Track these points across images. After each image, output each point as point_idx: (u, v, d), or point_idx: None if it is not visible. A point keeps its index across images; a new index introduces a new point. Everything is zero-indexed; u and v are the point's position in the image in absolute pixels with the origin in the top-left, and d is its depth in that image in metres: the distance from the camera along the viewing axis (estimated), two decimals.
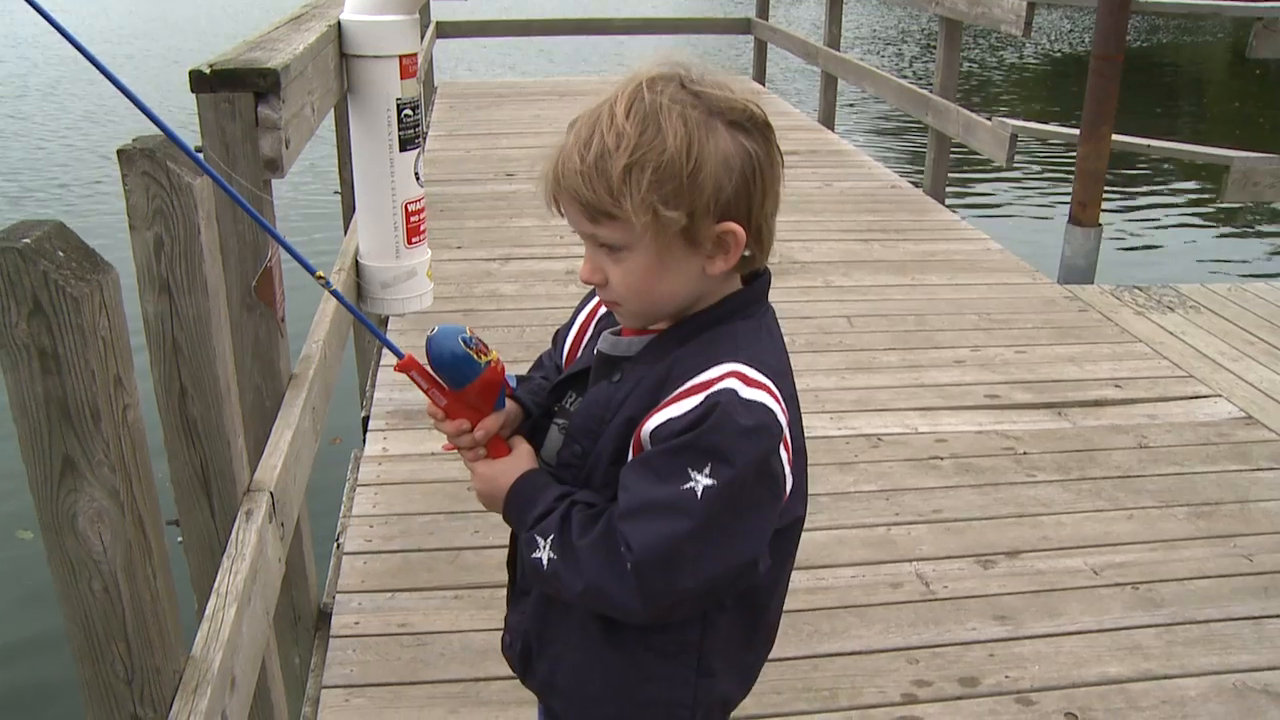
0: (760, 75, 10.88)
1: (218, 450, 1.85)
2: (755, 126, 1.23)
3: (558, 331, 1.52)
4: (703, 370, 1.23)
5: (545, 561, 1.28)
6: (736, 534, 1.22)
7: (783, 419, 1.23)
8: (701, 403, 1.20)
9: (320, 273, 1.39)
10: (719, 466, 1.18)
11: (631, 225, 1.20)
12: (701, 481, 1.18)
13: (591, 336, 1.43)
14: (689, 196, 1.18)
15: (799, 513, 1.35)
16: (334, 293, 1.42)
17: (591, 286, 1.33)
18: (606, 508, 1.27)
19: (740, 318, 1.29)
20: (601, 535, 1.24)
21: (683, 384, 1.23)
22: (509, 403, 1.40)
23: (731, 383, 1.21)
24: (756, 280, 1.33)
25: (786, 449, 1.25)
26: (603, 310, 1.42)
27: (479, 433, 1.36)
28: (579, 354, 1.45)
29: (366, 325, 1.50)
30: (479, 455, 1.39)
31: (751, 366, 1.23)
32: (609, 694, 1.37)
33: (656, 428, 1.22)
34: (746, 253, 1.27)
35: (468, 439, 1.37)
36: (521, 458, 1.38)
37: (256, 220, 1.53)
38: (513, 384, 1.41)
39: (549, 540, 1.28)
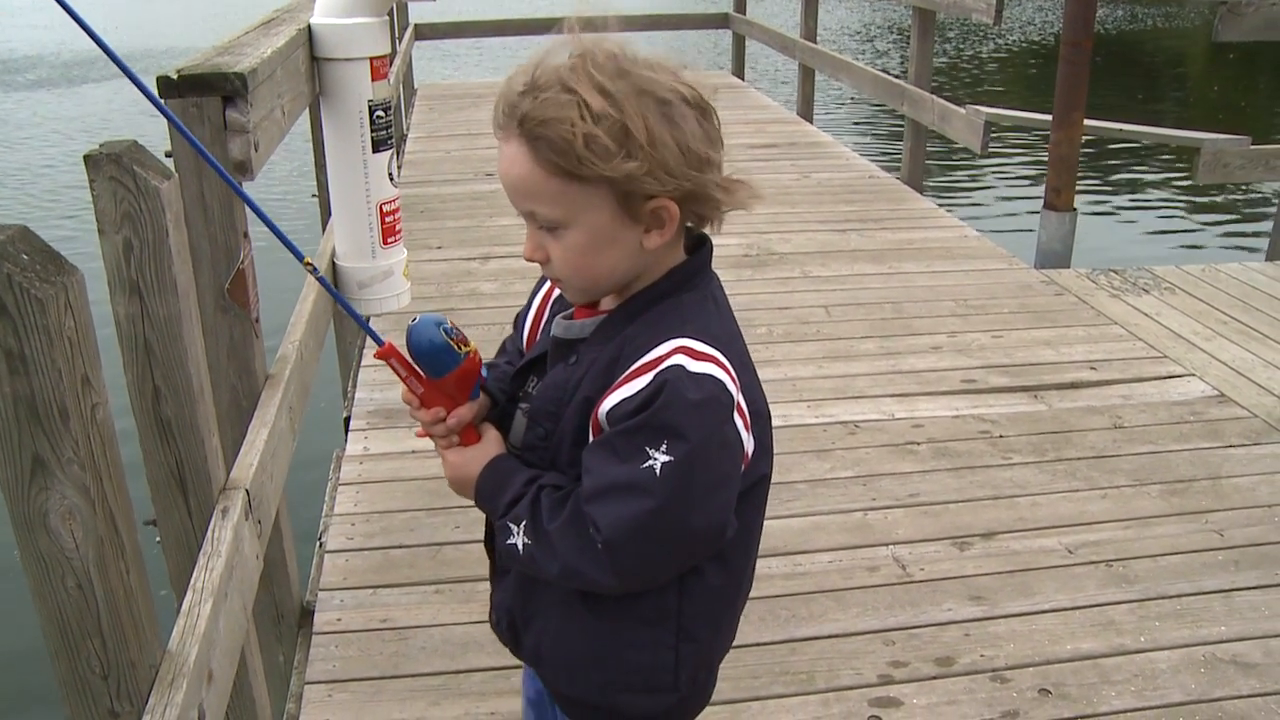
0: (739, 69, 10.92)
1: (192, 449, 1.87)
2: (685, 102, 1.24)
3: (518, 315, 1.55)
4: (651, 348, 1.26)
5: (520, 547, 1.32)
6: (700, 504, 1.25)
7: (733, 387, 1.26)
8: (651, 381, 1.23)
9: (309, 259, 1.41)
10: (674, 442, 1.21)
11: (565, 201, 1.23)
12: (659, 459, 1.21)
13: (548, 320, 1.45)
14: (628, 166, 1.21)
15: (764, 470, 1.38)
16: (320, 279, 1.45)
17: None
18: (574, 489, 1.30)
19: (685, 291, 1.32)
20: (570, 518, 1.28)
21: (633, 363, 1.26)
22: (480, 394, 1.43)
23: (678, 359, 1.24)
24: (698, 251, 1.35)
25: (741, 414, 1.28)
26: (557, 293, 1.45)
27: (452, 421, 1.39)
28: (538, 338, 1.48)
29: (348, 310, 1.52)
30: (452, 443, 1.42)
31: (698, 339, 1.26)
32: (593, 662, 1.40)
33: (611, 409, 1.26)
34: (689, 224, 1.31)
35: (441, 427, 1.40)
36: (490, 444, 1.41)
37: (243, 197, 1.55)
38: (484, 374, 1.44)
39: (522, 526, 1.32)
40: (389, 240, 3.24)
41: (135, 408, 1.83)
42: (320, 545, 3.07)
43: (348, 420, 3.80)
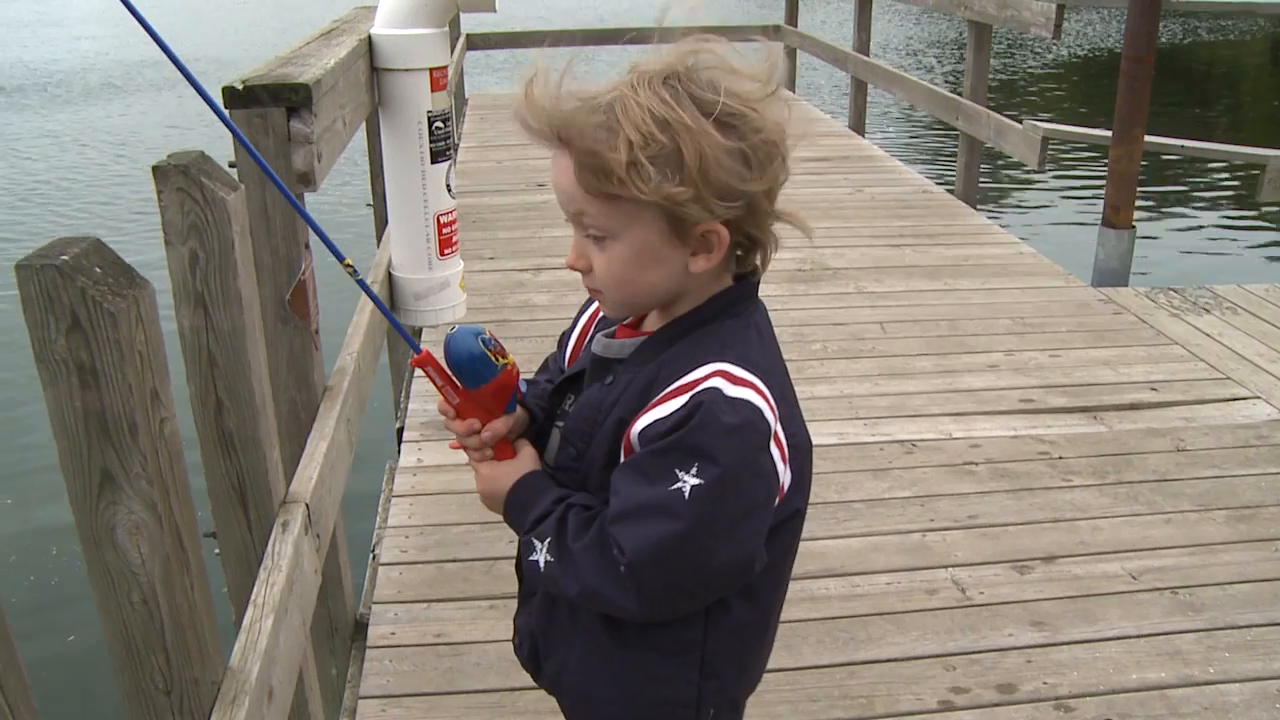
0: (790, 81, 10.86)
1: (254, 462, 1.87)
2: (748, 126, 1.20)
3: (563, 333, 1.52)
4: (689, 371, 1.23)
5: (542, 564, 1.30)
6: (728, 532, 1.22)
7: (770, 415, 1.22)
8: (686, 403, 1.20)
9: (349, 260, 1.39)
10: (706, 466, 1.18)
11: (614, 214, 1.21)
12: (689, 482, 1.18)
13: (592, 339, 1.43)
14: (672, 191, 1.17)
15: (798, 505, 1.34)
16: (359, 282, 1.43)
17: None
18: (601, 510, 1.27)
19: (727, 318, 1.29)
20: (595, 538, 1.25)
21: (669, 385, 1.23)
22: (517, 408, 1.41)
23: (716, 382, 1.21)
24: (745, 279, 1.32)
25: (778, 444, 1.25)
26: (604, 313, 1.42)
27: (486, 434, 1.37)
28: (580, 356, 1.45)
29: (384, 312, 1.50)
30: (485, 456, 1.40)
31: (738, 365, 1.23)
32: (614, 694, 1.37)
33: (644, 429, 1.23)
34: (739, 252, 1.28)
35: (475, 440, 1.38)
36: (524, 460, 1.39)
37: (288, 199, 1.55)
38: (523, 389, 1.41)
39: (546, 543, 1.30)
40: (446, 252, 3.25)
41: (198, 420, 1.82)
42: (374, 558, 3.06)
43: (400, 432, 3.79)
